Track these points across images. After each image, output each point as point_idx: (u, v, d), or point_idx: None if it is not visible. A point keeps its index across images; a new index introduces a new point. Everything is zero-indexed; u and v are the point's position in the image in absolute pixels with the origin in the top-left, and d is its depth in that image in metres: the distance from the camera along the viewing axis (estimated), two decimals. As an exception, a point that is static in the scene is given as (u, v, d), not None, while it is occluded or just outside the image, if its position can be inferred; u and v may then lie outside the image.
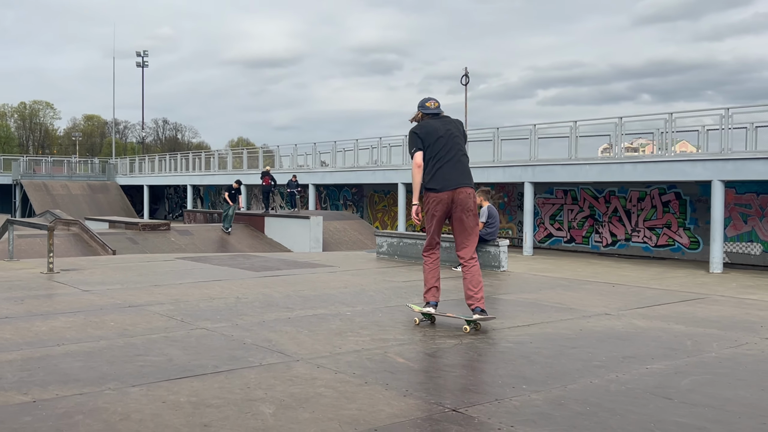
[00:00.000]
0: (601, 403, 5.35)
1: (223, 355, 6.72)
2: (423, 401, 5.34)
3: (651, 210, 36.53)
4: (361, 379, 5.92)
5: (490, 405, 5.28)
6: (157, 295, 10.47)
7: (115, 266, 14.59)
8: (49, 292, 10.80)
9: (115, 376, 5.88)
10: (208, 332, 7.79)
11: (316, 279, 12.77)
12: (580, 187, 39.31)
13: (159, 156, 77.92)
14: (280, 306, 9.64)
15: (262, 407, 5.10)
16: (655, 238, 36.42)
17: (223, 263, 15.44)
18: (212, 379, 5.81)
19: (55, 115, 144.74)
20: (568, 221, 40.31)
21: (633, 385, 5.86)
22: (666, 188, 35.81)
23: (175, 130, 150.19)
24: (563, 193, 40.51)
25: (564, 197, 40.50)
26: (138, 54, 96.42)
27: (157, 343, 7.18)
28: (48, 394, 5.32)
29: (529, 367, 6.42)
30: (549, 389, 5.71)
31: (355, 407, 5.16)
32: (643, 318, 9.11)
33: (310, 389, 5.59)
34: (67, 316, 8.63)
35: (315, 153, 54.57)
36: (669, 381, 6.01)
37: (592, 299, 10.75)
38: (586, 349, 7.17)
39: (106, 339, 7.37)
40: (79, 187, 72.71)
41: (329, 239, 32.06)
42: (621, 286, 12.97)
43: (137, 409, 5.01)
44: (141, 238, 30.14)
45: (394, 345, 7.29)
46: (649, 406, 5.33)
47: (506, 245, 14.45)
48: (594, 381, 5.99)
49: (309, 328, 8.08)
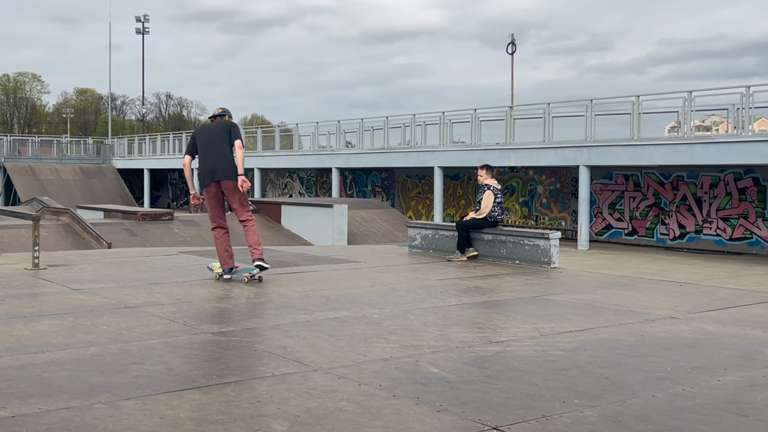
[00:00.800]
0: (665, 421, 5.31)
1: (231, 363, 6.73)
2: (460, 417, 5.31)
3: (725, 198, 36.25)
4: (389, 392, 5.91)
5: (537, 422, 5.25)
6: (157, 295, 10.51)
7: (110, 261, 14.66)
8: (33, 291, 10.85)
9: (107, 387, 5.89)
10: (213, 338, 7.81)
11: (339, 276, 12.78)
12: (644, 171, 39.06)
13: (161, 136, 77.92)
14: (297, 307, 9.65)
15: (273, 424, 5.10)
16: (729, 230, 36.14)
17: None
18: (217, 392, 5.82)
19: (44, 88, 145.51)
20: (629, 211, 40.09)
21: (702, 400, 5.81)
22: (742, 173, 35.50)
23: (179, 105, 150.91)
24: (624, 178, 40.27)
25: (625, 183, 40.27)
26: (138, 19, 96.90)
27: (155, 350, 7.20)
28: (29, 408, 5.34)
29: (582, 379, 6.38)
30: (605, 404, 5.68)
31: (380, 425, 5.14)
32: (714, 322, 9.05)
33: (330, 403, 5.58)
34: (53, 319, 8.66)
35: (339, 132, 54.35)
36: (744, 395, 5.96)
37: (657, 300, 10.69)
38: (648, 358, 7.13)
39: (98, 345, 7.40)
40: (70, 171, 72.96)
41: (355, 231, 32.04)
42: (690, 285, 12.90)
43: (131, 426, 5.01)
44: (140, 229, 30.24)
45: (427, 353, 7.27)
46: (721, 424, 5.29)
47: (558, 238, 14.40)
48: (657, 395, 5.95)
49: (330, 333, 8.08)
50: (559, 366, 6.84)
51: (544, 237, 14.41)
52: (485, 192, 15.54)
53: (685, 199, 37.68)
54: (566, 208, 43.16)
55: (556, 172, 43.21)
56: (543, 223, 43.82)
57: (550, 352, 7.38)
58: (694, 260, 32.45)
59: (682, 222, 37.89)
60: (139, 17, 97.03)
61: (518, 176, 45.38)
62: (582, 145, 36.95)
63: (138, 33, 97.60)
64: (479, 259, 15.26)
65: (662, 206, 38.61)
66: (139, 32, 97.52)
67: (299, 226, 32.62)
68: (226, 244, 12.48)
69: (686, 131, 34.35)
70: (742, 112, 32.15)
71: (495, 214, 15.46)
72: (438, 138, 45.16)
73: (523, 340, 7.88)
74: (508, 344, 7.68)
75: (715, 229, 36.65)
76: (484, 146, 41.82)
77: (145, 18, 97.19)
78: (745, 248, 35.34)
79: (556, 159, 38.55)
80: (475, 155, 41.14)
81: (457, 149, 43.66)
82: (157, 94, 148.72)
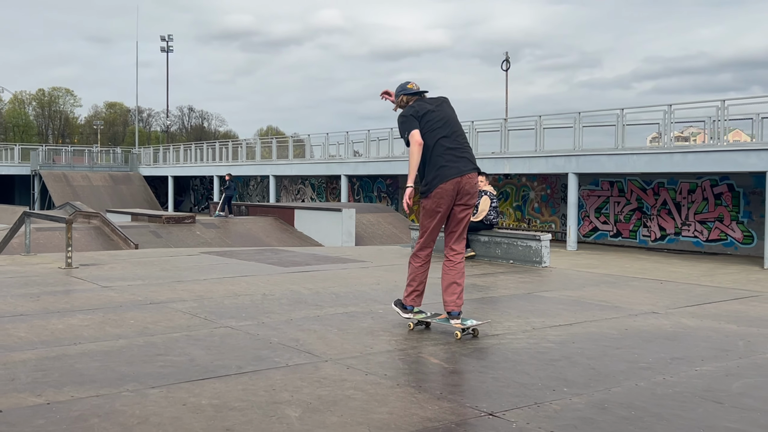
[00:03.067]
0: (647, 407, 5.30)
1: (248, 355, 6.72)
2: (458, 404, 5.31)
3: (702, 203, 36.19)
4: (393, 380, 5.91)
5: (529, 409, 5.24)
6: (180, 292, 10.51)
7: (137, 261, 14.66)
8: (66, 289, 10.86)
9: (134, 377, 5.89)
10: (232, 331, 7.80)
11: (348, 275, 12.77)
12: (627, 178, 39.02)
13: (184, 145, 78.03)
14: (309, 303, 9.64)
15: (287, 410, 5.09)
16: (706, 232, 36.10)
17: (249, 258, 15.48)
18: (236, 381, 5.81)
19: (76, 102, 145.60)
20: (614, 214, 40.04)
21: (681, 388, 5.80)
22: (718, 179, 35.45)
23: (201, 118, 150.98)
24: (609, 184, 40.22)
25: (610, 189, 40.22)
26: (162, 38, 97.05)
27: (178, 343, 7.20)
28: (63, 395, 5.34)
29: (571, 369, 6.37)
30: (592, 392, 5.67)
31: (386, 411, 5.14)
32: (692, 317, 9.03)
33: (339, 391, 5.57)
34: (84, 314, 8.67)
35: (347, 142, 54.36)
36: (719, 384, 5.94)
37: (639, 297, 10.67)
38: (631, 350, 7.12)
39: (125, 338, 7.40)
40: (100, 177, 73.00)
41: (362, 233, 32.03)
42: (670, 282, 12.87)
43: (156, 412, 5.01)
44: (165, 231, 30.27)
45: (429, 345, 7.27)
46: (698, 410, 5.28)
47: (548, 240, 14.39)
48: (640, 384, 5.94)
49: (339, 327, 8.07)
50: (549, 357, 6.83)
51: (535, 238, 14.40)
52: (482, 197, 15.54)
53: (665, 204, 37.65)
54: (556, 212, 43.13)
55: (547, 178, 43.19)
56: (535, 226, 43.77)
57: (541, 345, 7.37)
58: (674, 260, 32.40)
59: (662, 225, 37.86)
60: (164, 36, 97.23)
61: (512, 183, 45.34)
62: (571, 154, 36.93)
63: (163, 51, 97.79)
64: (476, 259, 15.24)
65: (644, 210, 38.58)
66: (164, 50, 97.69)
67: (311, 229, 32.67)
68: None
69: (666, 141, 34.35)
70: (718, 124, 32.16)
71: (491, 217, 15.45)
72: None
73: (517, 334, 7.87)
74: (503, 337, 7.67)
75: (692, 231, 36.61)
76: (481, 155, 41.74)
77: (169, 37, 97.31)
78: (721, 249, 35.32)
79: (546, 167, 38.53)
80: (472, 163, 41.03)
81: (456, 158, 43.55)
82: (181, 107, 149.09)
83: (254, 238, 30.60)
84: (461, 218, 7.99)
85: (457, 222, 8.02)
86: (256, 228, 32.38)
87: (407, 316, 8.12)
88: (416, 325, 8.10)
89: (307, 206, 36.84)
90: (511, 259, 14.76)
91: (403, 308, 8.19)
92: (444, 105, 8.05)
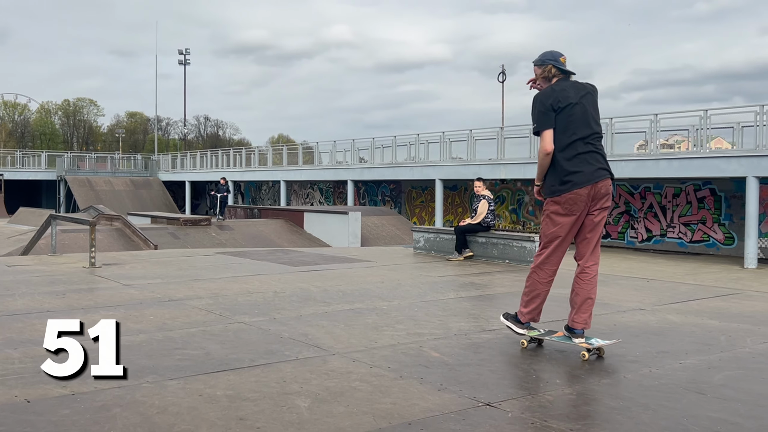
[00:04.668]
0: (634, 398, 5.29)
1: (260, 349, 6.72)
2: (457, 395, 5.30)
3: (686, 206, 36.17)
4: (396, 373, 5.90)
5: (524, 399, 5.25)
6: (197, 290, 10.51)
7: (156, 261, 14.67)
8: (90, 287, 10.87)
9: (154, 369, 5.89)
10: (245, 326, 7.80)
11: (354, 274, 12.77)
12: (616, 183, 38.89)
13: (200, 152, 78.11)
14: (318, 300, 9.64)
15: (297, 401, 5.10)
16: (690, 233, 36.07)
17: (262, 258, 15.48)
18: (249, 373, 5.82)
19: (99, 112, 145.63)
20: (603, 217, 39.97)
21: (666, 380, 5.79)
22: (701, 184, 35.44)
23: (216, 126, 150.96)
24: (599, 189, 40.16)
25: (599, 193, 40.16)
26: (180, 52, 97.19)
27: (195, 337, 7.20)
28: (86, 387, 5.33)
29: (563, 362, 6.37)
30: (582, 384, 5.67)
31: (389, 401, 5.14)
32: (677, 313, 9.03)
33: (346, 383, 5.57)
34: (107, 310, 8.67)
35: (354, 149, 54.41)
36: (702, 376, 5.94)
37: (627, 294, 10.66)
38: (620, 345, 7.11)
39: (145, 333, 7.40)
40: (122, 182, 73.05)
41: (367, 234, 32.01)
42: (656, 281, 12.86)
43: (174, 403, 5.02)
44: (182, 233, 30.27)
45: (430, 339, 7.26)
46: (683, 401, 5.27)
47: (541, 241, 14.39)
48: (627, 376, 5.93)
49: (345, 323, 8.07)
50: (542, 351, 6.81)
51: (530, 240, 14.40)
52: (481, 201, 15.56)
53: (651, 207, 37.62)
54: (549, 214, 43.05)
55: (541, 183, 43.13)
56: (529, 228, 43.72)
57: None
58: (659, 260, 32.37)
59: (648, 227, 37.82)
60: (182, 50, 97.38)
61: (508, 187, 45.31)
62: (563, 161, 36.86)
63: (180, 64, 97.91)
64: (474, 259, 15.24)
65: (632, 213, 38.55)
66: (181, 63, 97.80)
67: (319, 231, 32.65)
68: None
69: (653, 149, 34.37)
70: (701, 133, 32.22)
71: (488, 220, 15.45)
72: (439, 154, 45.28)
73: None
74: (499, 332, 7.66)
75: (677, 233, 36.58)
76: (479, 161, 41.82)
77: (186, 51, 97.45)
78: (703, 249, 35.30)
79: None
80: (471, 169, 41.19)
81: (455, 164, 43.68)
82: (197, 117, 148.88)
83: (266, 239, 30.58)
84: (597, 222, 6.74)
85: (593, 227, 6.77)
86: (268, 230, 32.36)
87: (521, 331, 6.95)
88: (529, 343, 6.98)
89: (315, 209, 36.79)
90: (507, 259, 14.76)
91: (517, 323, 6.98)
92: (588, 98, 6.69)
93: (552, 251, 6.84)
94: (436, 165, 44.72)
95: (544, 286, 6.84)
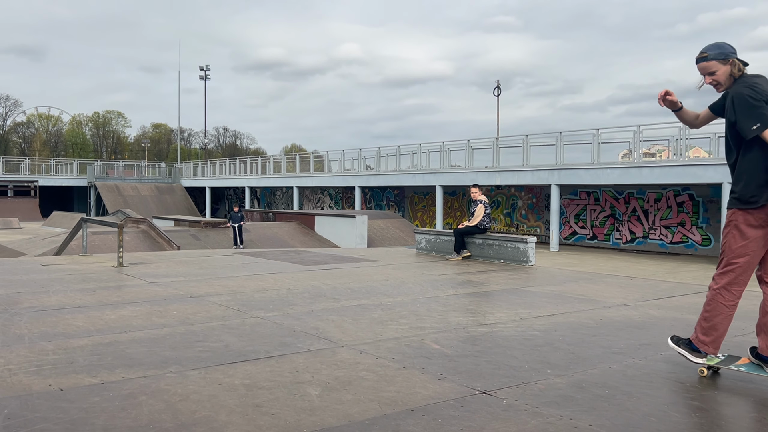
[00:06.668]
0: (619, 387, 5.29)
1: (275, 341, 6.72)
2: (456, 384, 5.30)
3: (667, 210, 36.17)
4: (400, 364, 5.90)
5: (518, 388, 5.24)
6: (216, 287, 10.51)
7: (179, 260, 14.67)
8: (118, 284, 10.87)
9: (176, 360, 5.90)
10: (261, 321, 7.80)
11: (361, 272, 12.76)
12: (602, 189, 39.01)
13: (220, 161, 78.16)
14: (328, 297, 9.63)
15: (309, 389, 5.09)
16: (670, 235, 36.06)
17: (276, 258, 15.48)
18: (264, 364, 5.81)
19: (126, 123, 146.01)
20: (591, 220, 39.98)
21: (649, 370, 5.79)
22: (680, 190, 35.46)
23: (234, 137, 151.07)
24: (586, 194, 40.19)
25: (587, 198, 40.18)
26: (201, 68, 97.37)
27: (215, 331, 7.20)
28: (115, 376, 5.34)
29: (554, 354, 6.36)
30: (571, 374, 5.66)
31: (394, 389, 5.13)
32: (658, 308, 9.01)
33: (353, 373, 5.57)
34: (134, 306, 8.68)
35: (361, 158, 54.50)
36: (682, 366, 5.92)
37: (612, 291, 10.65)
38: (606, 337, 7.10)
39: (169, 327, 7.40)
40: (147, 188, 73.08)
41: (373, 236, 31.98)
42: (639, 279, 12.83)
43: (196, 391, 5.02)
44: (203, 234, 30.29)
45: (431, 333, 7.25)
46: (664, 389, 5.27)
47: (534, 242, 14.39)
48: (613, 366, 5.92)
49: (353, 317, 8.07)
50: (535, 343, 6.81)
51: (523, 241, 14.39)
52: (478, 205, 15.56)
53: (634, 211, 37.62)
54: (541, 218, 43.09)
55: (533, 189, 43.20)
56: (522, 230, 43.73)
57: (528, 332, 7.35)
58: (642, 259, 32.34)
59: (632, 229, 37.80)
60: (202, 66, 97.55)
61: (503, 193, 45.31)
62: (553, 168, 36.93)
63: (201, 79, 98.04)
64: (472, 259, 15.23)
65: (617, 216, 38.53)
66: (202, 78, 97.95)
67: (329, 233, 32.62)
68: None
69: (636, 157, 34.36)
70: (680, 142, 32.23)
71: (484, 222, 15.45)
72: (439, 162, 45.33)
73: (507, 323, 7.85)
74: (495, 326, 7.66)
75: (658, 234, 36.56)
76: (476, 169, 41.80)
77: (207, 67, 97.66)
78: (683, 250, 35.29)
79: (532, 179, 38.56)
80: (469, 176, 41.24)
81: (454, 171, 43.65)
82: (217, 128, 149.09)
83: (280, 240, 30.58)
84: None
85: None
86: (282, 232, 32.35)
87: (699, 361, 5.64)
88: (708, 370, 5.70)
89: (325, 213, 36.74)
90: (501, 259, 14.76)
91: (692, 351, 5.67)
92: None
93: (742, 269, 5.45)
94: (436, 172, 44.74)
95: (729, 309, 5.48)
